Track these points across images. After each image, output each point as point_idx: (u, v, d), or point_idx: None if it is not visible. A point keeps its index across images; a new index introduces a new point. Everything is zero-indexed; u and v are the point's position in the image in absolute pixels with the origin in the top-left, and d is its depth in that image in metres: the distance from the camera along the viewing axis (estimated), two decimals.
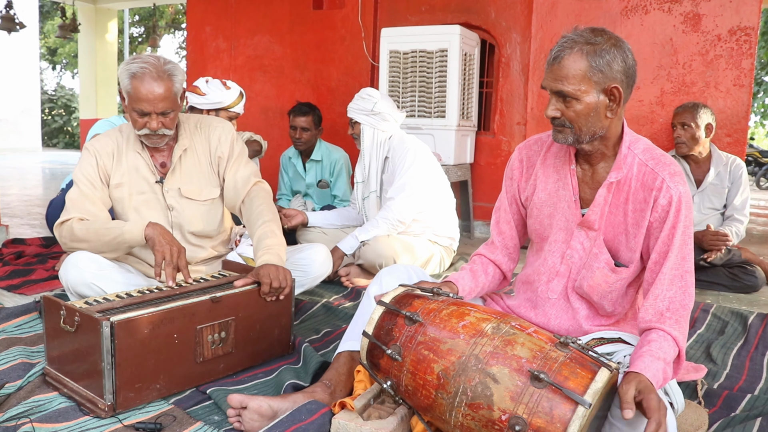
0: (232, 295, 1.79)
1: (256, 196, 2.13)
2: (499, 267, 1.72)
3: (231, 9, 5.58)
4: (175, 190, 2.13)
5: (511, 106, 4.53)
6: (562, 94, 1.40)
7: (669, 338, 1.33)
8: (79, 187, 2.05)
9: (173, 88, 1.97)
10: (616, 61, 1.37)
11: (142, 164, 2.12)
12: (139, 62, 1.95)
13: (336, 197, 4.02)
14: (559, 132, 1.45)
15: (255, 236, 2.03)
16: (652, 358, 1.26)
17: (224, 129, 2.21)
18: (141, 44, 20.16)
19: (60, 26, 9.85)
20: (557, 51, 1.40)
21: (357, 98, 3.13)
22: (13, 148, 13.84)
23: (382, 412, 1.45)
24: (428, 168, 3.12)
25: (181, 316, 1.66)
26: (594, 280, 1.51)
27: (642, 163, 1.45)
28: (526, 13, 4.31)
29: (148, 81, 1.92)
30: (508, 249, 1.72)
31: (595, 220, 1.49)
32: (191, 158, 2.16)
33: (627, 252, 1.49)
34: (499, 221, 1.71)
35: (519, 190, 1.66)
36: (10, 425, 1.47)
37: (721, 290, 3.17)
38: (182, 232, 2.17)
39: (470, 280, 1.65)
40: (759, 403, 1.74)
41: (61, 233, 2.01)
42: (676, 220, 1.40)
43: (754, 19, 3.49)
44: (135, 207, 2.11)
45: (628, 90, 1.42)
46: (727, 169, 3.33)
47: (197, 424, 1.55)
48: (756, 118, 17.07)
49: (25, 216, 4.89)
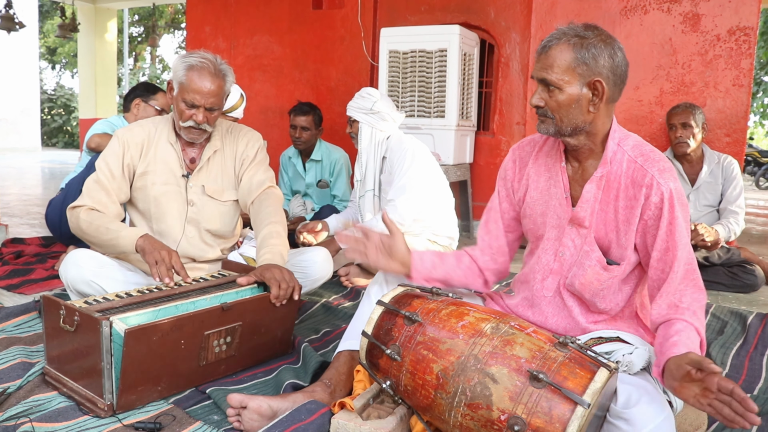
0: (243, 302, 1.77)
1: (267, 198, 2.17)
2: (476, 261, 1.71)
3: (230, 9, 5.58)
4: (199, 186, 2.17)
5: (510, 106, 4.53)
6: (546, 83, 1.41)
7: (692, 328, 1.33)
8: (98, 175, 2.10)
9: (224, 87, 2.07)
10: (602, 56, 1.38)
11: (173, 157, 2.16)
12: (198, 56, 2.04)
13: (336, 197, 4.02)
14: (542, 122, 1.47)
15: (260, 235, 2.05)
16: (686, 349, 1.25)
17: (253, 137, 2.30)
18: (140, 44, 20.17)
19: (59, 26, 9.84)
20: (547, 41, 1.42)
21: (356, 97, 3.13)
22: (13, 148, 13.83)
23: (381, 411, 1.45)
24: (427, 168, 3.12)
25: (190, 324, 1.64)
26: (586, 277, 1.51)
27: (631, 160, 1.45)
28: (526, 13, 4.32)
29: (205, 75, 2.01)
30: (491, 248, 1.71)
31: (585, 216, 1.49)
32: (219, 159, 2.21)
33: (618, 249, 1.49)
34: (488, 221, 1.72)
35: (513, 190, 1.67)
36: (9, 425, 1.47)
37: (721, 289, 3.18)
38: (198, 229, 2.19)
39: (433, 256, 1.65)
40: (758, 403, 1.74)
41: (70, 218, 2.06)
42: (672, 216, 1.40)
43: (754, 19, 3.50)
44: (155, 197, 2.14)
45: (615, 88, 1.42)
46: (720, 167, 3.35)
47: (197, 423, 1.55)
48: (755, 117, 17.08)
49: (24, 215, 4.89)
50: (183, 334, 1.63)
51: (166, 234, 2.16)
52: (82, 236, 2.04)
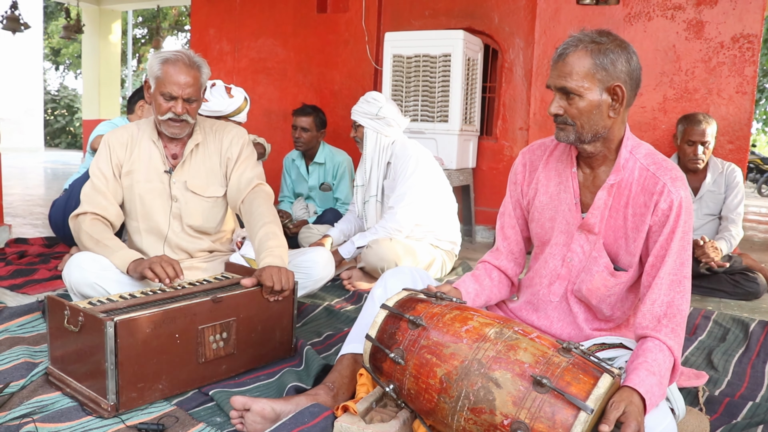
0: (233, 296, 1.80)
1: (257, 197, 2.18)
2: (505, 272, 1.72)
3: (235, 11, 5.60)
4: (181, 182, 2.19)
5: (513, 111, 4.54)
6: (565, 91, 1.41)
7: (665, 348, 1.34)
8: (93, 180, 2.15)
9: (200, 78, 2.09)
10: (620, 61, 1.39)
11: (156, 153, 2.19)
12: (172, 51, 2.09)
13: (338, 200, 4.03)
14: (562, 130, 1.46)
15: (256, 238, 2.05)
16: (648, 373, 1.27)
17: (237, 133, 2.29)
18: (144, 45, 20.21)
19: (64, 27, 9.88)
20: (563, 48, 1.42)
21: (362, 101, 3.13)
22: (16, 148, 13.85)
23: (384, 415, 1.45)
24: (430, 174, 3.13)
25: (182, 316, 1.66)
26: (593, 283, 1.52)
27: (643, 168, 1.45)
28: (530, 18, 4.33)
29: (180, 66, 2.05)
30: (513, 254, 1.72)
31: (595, 223, 1.49)
32: (202, 154, 2.22)
33: (627, 256, 1.49)
34: (504, 226, 1.72)
35: (522, 194, 1.67)
36: (12, 425, 1.47)
37: (723, 297, 3.17)
38: (181, 224, 2.22)
39: (473, 283, 1.65)
40: (760, 411, 1.74)
41: (73, 227, 2.12)
42: (676, 224, 1.40)
43: (757, 27, 3.50)
44: (140, 194, 2.17)
45: (631, 92, 1.43)
46: (723, 176, 3.35)
47: (199, 425, 1.55)
48: (758, 125, 17.08)
49: (27, 216, 4.90)
50: (176, 327, 1.65)
51: (155, 231, 2.20)
52: (82, 247, 2.10)
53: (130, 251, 2.02)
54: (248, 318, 1.84)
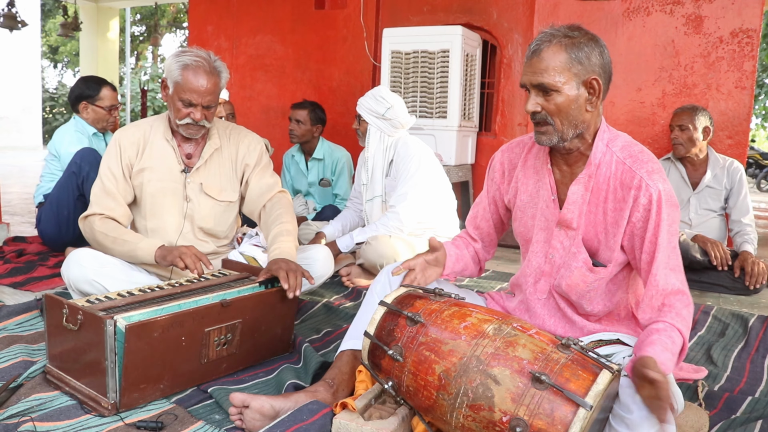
0: (242, 299, 1.78)
1: (278, 202, 2.20)
2: (477, 253, 1.82)
3: (233, 8, 5.58)
4: (197, 183, 2.19)
5: (512, 106, 4.53)
6: (542, 87, 1.41)
7: (674, 330, 1.33)
8: (102, 180, 2.13)
9: (220, 83, 2.09)
10: (594, 54, 1.40)
11: (170, 153, 2.18)
12: (192, 55, 2.04)
13: (337, 196, 4.03)
14: (542, 133, 1.45)
15: (271, 234, 2.08)
16: (662, 348, 1.26)
17: (254, 139, 2.31)
18: (142, 43, 20.17)
19: (62, 24, 9.84)
20: (536, 45, 1.42)
21: (370, 97, 3.07)
22: (14, 146, 13.83)
23: (383, 412, 1.45)
24: (431, 173, 3.12)
25: (191, 320, 1.64)
26: (572, 279, 1.51)
27: (620, 161, 1.45)
28: (528, 14, 4.32)
29: (201, 73, 2.02)
30: (484, 242, 1.81)
31: (572, 218, 1.49)
32: (219, 159, 2.23)
33: (606, 251, 1.49)
34: (477, 217, 1.78)
35: (500, 192, 1.69)
36: (10, 423, 1.47)
37: (722, 292, 3.17)
38: (192, 225, 2.22)
39: (454, 249, 1.75)
40: (759, 406, 1.74)
41: (83, 228, 2.11)
42: (659, 218, 1.40)
43: (756, 21, 3.50)
44: (151, 193, 2.16)
45: (606, 85, 1.44)
46: (724, 172, 3.33)
47: (198, 423, 1.55)
48: (757, 120, 17.07)
49: (25, 214, 4.89)
50: (183, 330, 1.63)
51: (161, 230, 2.18)
52: (96, 247, 2.09)
53: (151, 240, 2.03)
54: (254, 319, 1.83)
